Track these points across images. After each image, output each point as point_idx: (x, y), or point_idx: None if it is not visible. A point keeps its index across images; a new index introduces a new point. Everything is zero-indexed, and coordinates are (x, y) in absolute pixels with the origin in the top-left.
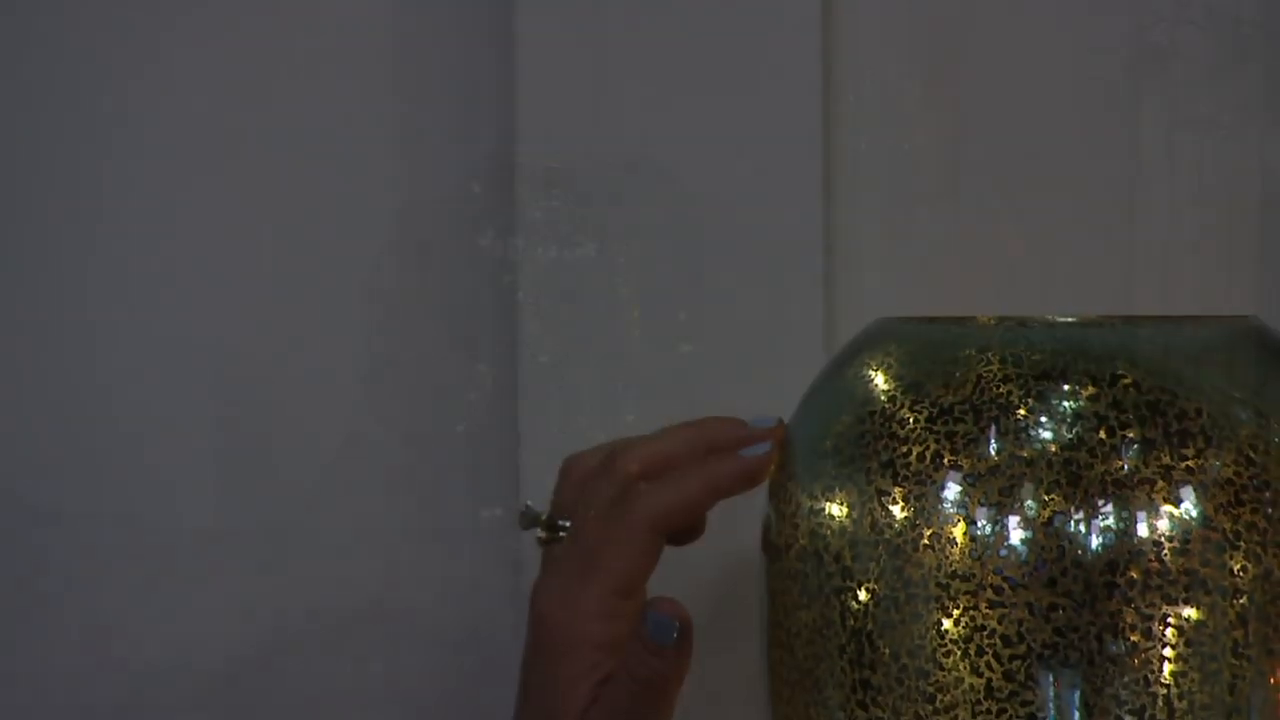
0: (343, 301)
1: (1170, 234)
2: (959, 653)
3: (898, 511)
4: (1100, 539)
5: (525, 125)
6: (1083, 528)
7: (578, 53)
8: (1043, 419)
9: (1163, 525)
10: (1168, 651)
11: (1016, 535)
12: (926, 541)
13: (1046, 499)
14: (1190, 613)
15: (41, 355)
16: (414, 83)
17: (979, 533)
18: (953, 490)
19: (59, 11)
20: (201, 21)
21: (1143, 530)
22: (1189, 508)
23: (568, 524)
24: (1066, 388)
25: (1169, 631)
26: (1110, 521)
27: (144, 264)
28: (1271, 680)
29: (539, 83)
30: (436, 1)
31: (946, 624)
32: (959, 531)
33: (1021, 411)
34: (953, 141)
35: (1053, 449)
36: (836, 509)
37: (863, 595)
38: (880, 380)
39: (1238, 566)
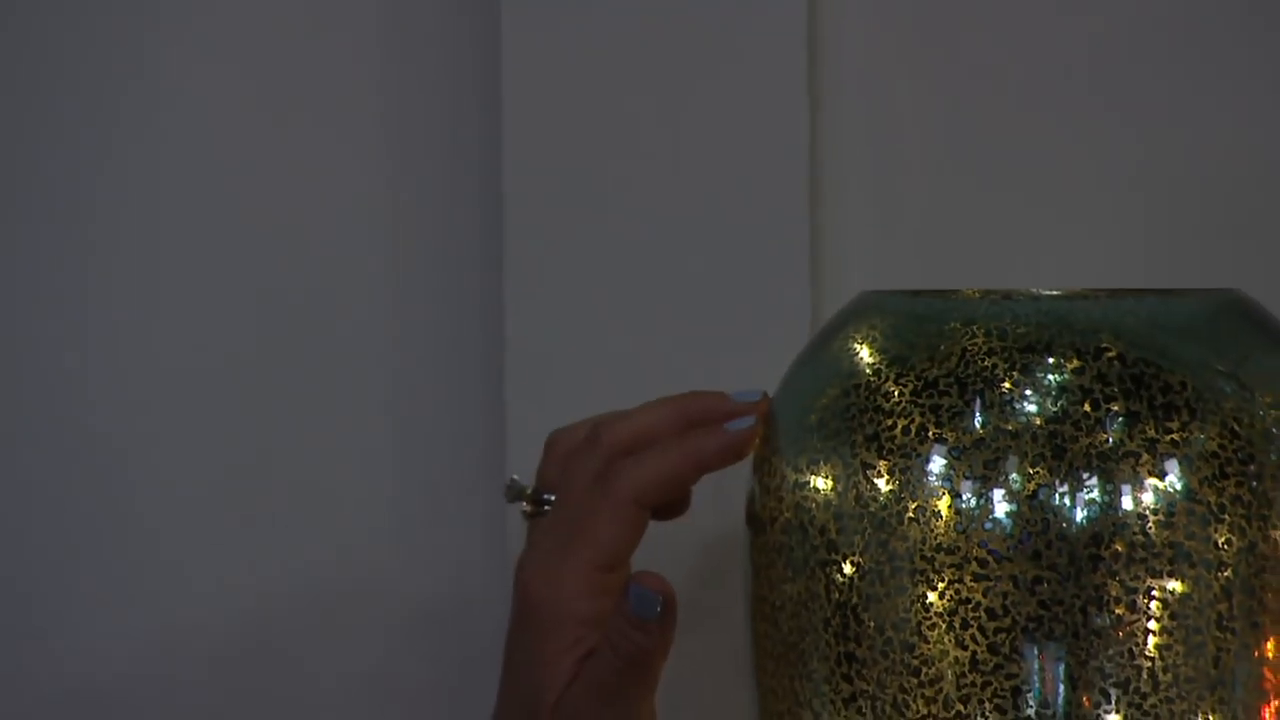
0: (335, 294)
1: (1154, 207)
2: (944, 626)
3: (883, 485)
4: (1085, 512)
5: (510, 98)
6: (1067, 501)
7: (560, 32)
8: (1027, 392)
9: (1147, 498)
10: (1152, 624)
11: (1001, 508)
12: (911, 515)
13: (1031, 472)
14: (1175, 585)
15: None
16: (402, 76)
17: (964, 506)
18: (938, 463)
19: (51, 11)
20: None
21: (1127, 503)
22: (1173, 481)
23: (552, 498)
24: (1051, 361)
25: (1153, 604)
26: (1095, 495)
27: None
28: (1256, 653)
29: (523, 62)
30: None
31: (931, 597)
32: (944, 505)
33: (1006, 385)
34: (938, 116)
35: (1038, 422)
36: (821, 482)
37: (847, 568)
38: (865, 353)
39: (1222, 539)
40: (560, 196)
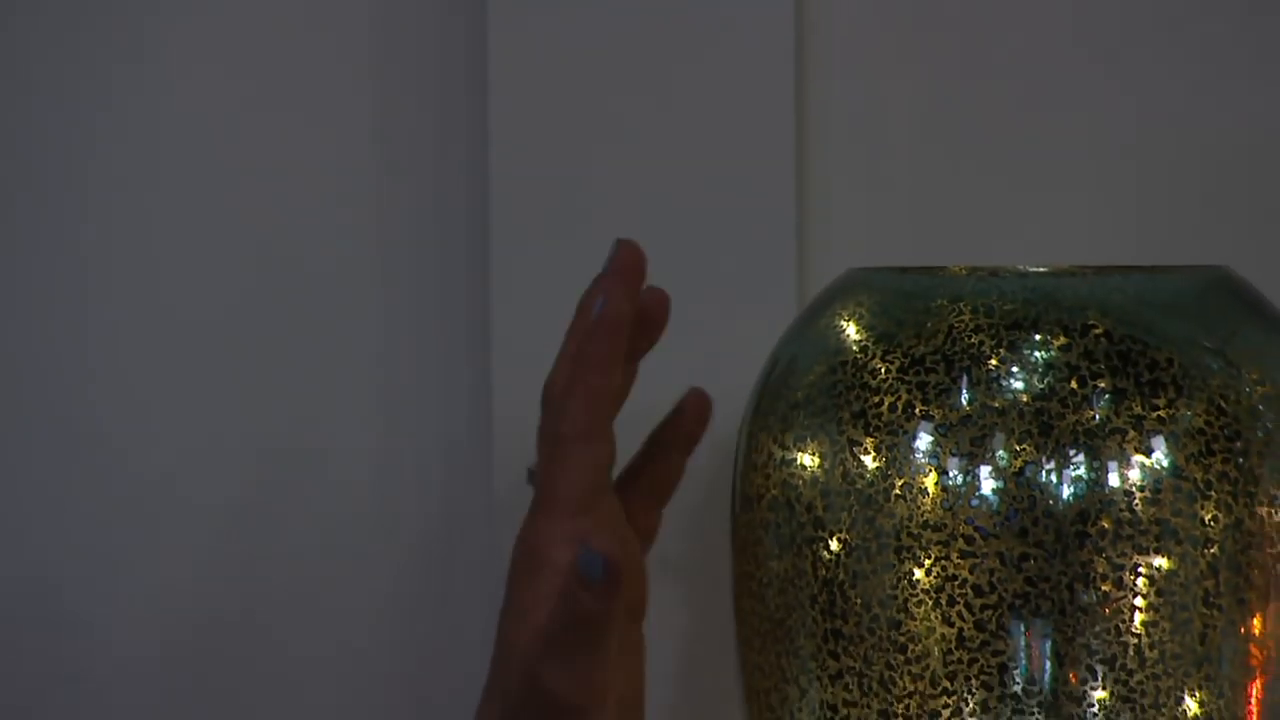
0: (323, 293)
1: (1142, 185)
2: (930, 603)
3: (869, 461)
4: (1071, 489)
5: (496, 76)
6: (1054, 477)
7: (545, 18)
8: (1014, 369)
9: (1134, 475)
10: (1139, 601)
11: (988, 485)
12: (898, 491)
13: (1018, 449)
14: (1161, 562)
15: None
16: (390, 75)
17: (950, 483)
18: (924, 440)
19: (40, 11)
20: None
21: (1114, 480)
22: (1160, 457)
23: None
24: (1038, 338)
25: (1140, 581)
26: (1081, 471)
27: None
28: (1242, 630)
29: (508, 41)
30: None
31: (918, 574)
32: (930, 481)
33: (993, 361)
34: (925, 92)
35: (1024, 399)
36: (808, 459)
37: (834, 545)
38: (852, 330)
39: (1209, 516)
40: (546, 171)
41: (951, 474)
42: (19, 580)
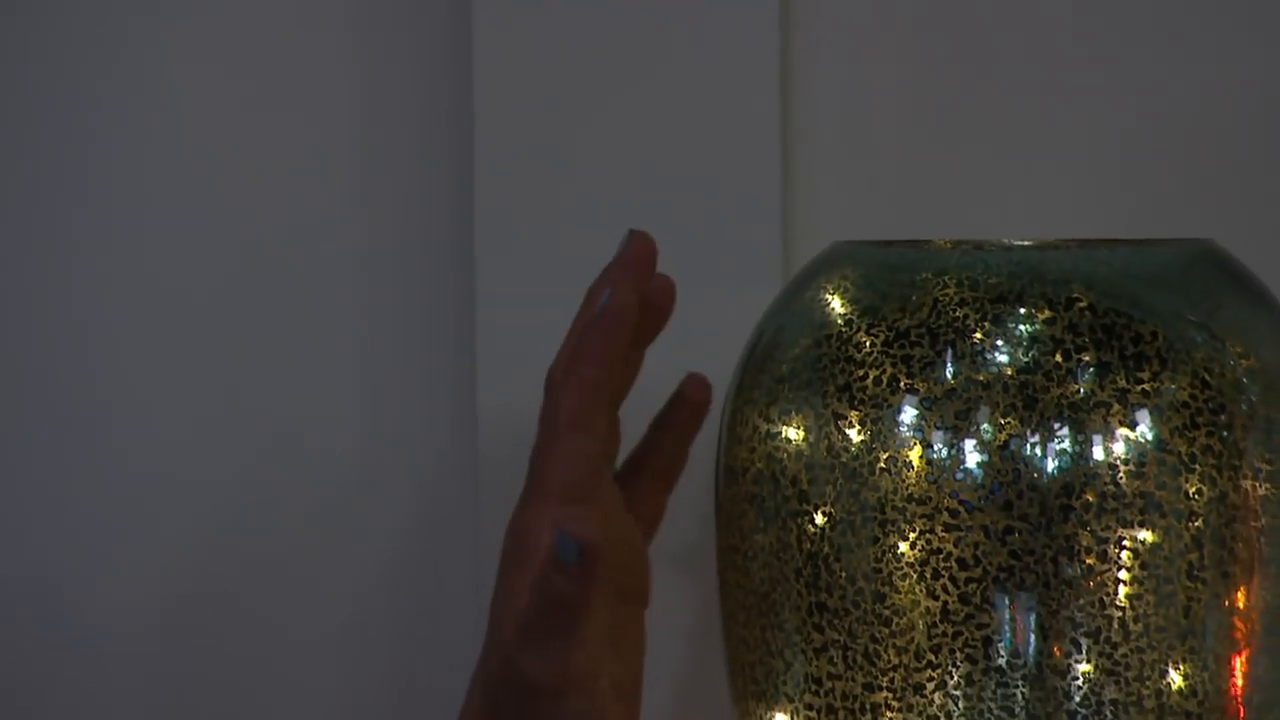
0: (318, 285)
1: (1126, 158)
2: (915, 576)
3: (854, 435)
4: (1056, 462)
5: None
6: (1038, 451)
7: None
8: (999, 342)
9: (1118, 448)
10: (1123, 574)
11: (973, 459)
12: (883, 465)
13: (1003, 422)
14: (1145, 535)
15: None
16: (374, 65)
17: (935, 456)
18: (909, 414)
19: (18, 11)
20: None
21: (1098, 453)
22: (1144, 431)
23: None
24: (1023, 311)
25: (1124, 554)
26: (1066, 445)
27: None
28: (1226, 603)
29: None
30: None
31: (903, 547)
32: (915, 455)
33: (978, 335)
34: (910, 67)
35: (1009, 372)
36: (793, 432)
37: (819, 519)
38: (837, 304)
39: (1193, 489)
40: (531, 144)
41: (936, 447)
42: (15, 564)
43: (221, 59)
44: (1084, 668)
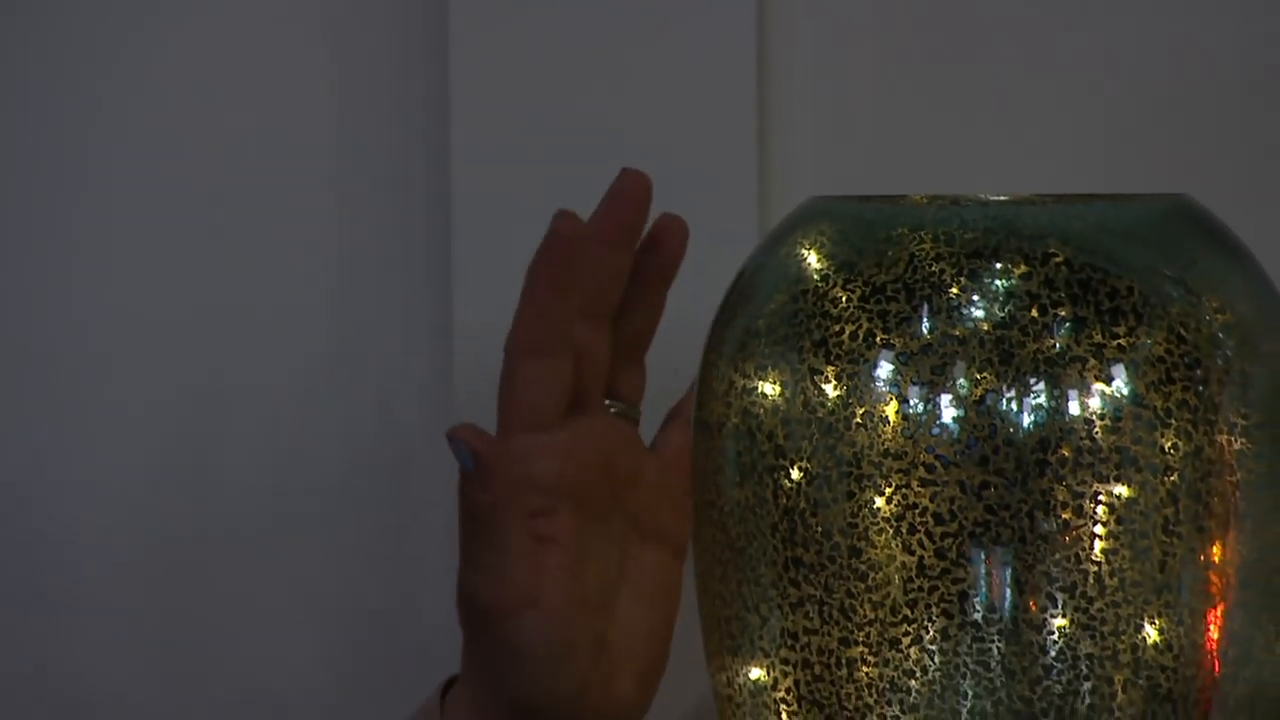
0: (286, 285)
1: (1102, 112)
2: (891, 531)
3: (830, 390)
4: (1032, 417)
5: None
6: (1014, 406)
7: None
8: (975, 297)
9: (1094, 403)
10: (1099, 529)
11: (948, 413)
12: (859, 420)
13: (978, 377)
14: (1121, 490)
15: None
16: (349, 36)
17: (911, 411)
18: (885, 369)
19: (11, 11)
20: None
21: (1074, 408)
22: (1120, 385)
23: None
24: (999, 266)
25: (1100, 509)
26: (1042, 400)
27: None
28: (1201, 557)
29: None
30: None
31: (879, 502)
32: (891, 410)
33: (954, 290)
34: (886, 21)
35: (985, 327)
36: (769, 388)
37: (795, 474)
38: (813, 259)
39: (1168, 444)
40: (508, 108)
41: (912, 402)
42: None
43: (198, 54)
44: (1059, 622)
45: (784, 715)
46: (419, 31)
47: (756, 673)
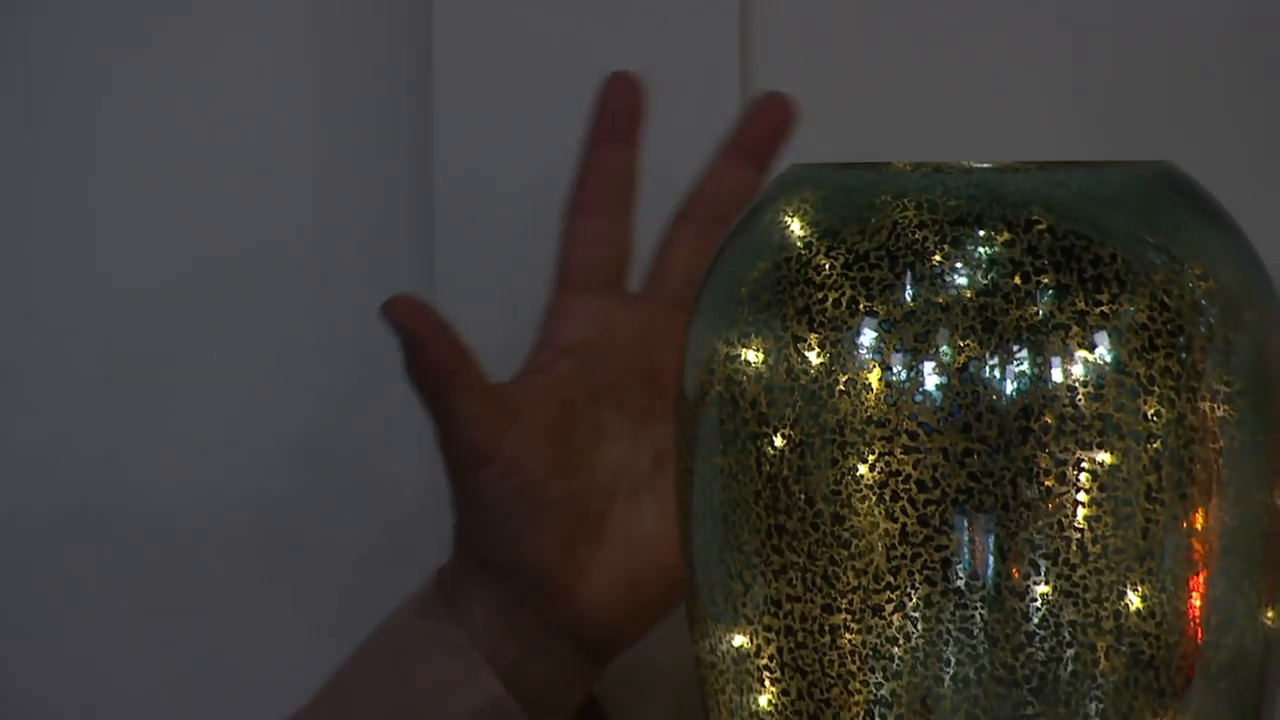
0: (264, 278)
1: (1085, 79)
2: (874, 498)
3: (813, 358)
4: (1015, 384)
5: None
6: (997, 373)
7: None
8: (958, 265)
9: (1077, 370)
10: (1081, 496)
11: (932, 381)
12: (842, 387)
13: (962, 345)
14: (1104, 457)
15: None
16: (334, 45)
17: (894, 379)
18: (868, 336)
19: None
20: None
21: (1057, 375)
22: (1103, 353)
23: None
24: (982, 233)
25: (1083, 476)
26: (1025, 367)
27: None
28: (1184, 524)
29: None
30: None
31: (862, 469)
32: (874, 377)
33: (937, 257)
34: None
35: (968, 295)
36: (752, 355)
37: (778, 441)
38: (796, 226)
39: (1151, 411)
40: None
41: (895, 370)
42: None
43: (179, 53)
44: (1042, 589)
45: (767, 682)
46: (401, 9)
47: (739, 640)
